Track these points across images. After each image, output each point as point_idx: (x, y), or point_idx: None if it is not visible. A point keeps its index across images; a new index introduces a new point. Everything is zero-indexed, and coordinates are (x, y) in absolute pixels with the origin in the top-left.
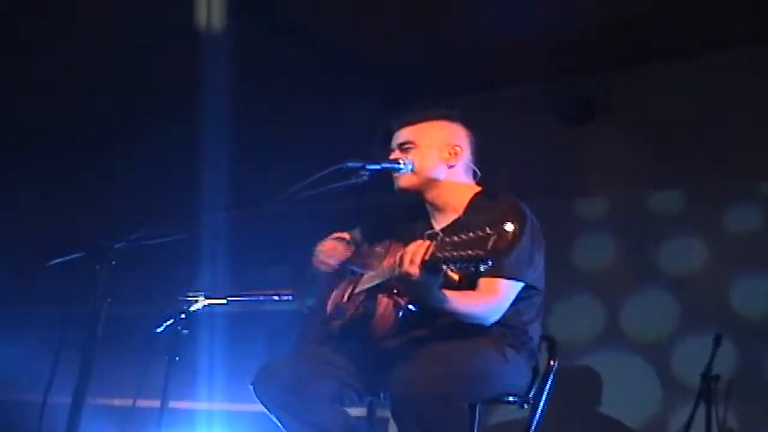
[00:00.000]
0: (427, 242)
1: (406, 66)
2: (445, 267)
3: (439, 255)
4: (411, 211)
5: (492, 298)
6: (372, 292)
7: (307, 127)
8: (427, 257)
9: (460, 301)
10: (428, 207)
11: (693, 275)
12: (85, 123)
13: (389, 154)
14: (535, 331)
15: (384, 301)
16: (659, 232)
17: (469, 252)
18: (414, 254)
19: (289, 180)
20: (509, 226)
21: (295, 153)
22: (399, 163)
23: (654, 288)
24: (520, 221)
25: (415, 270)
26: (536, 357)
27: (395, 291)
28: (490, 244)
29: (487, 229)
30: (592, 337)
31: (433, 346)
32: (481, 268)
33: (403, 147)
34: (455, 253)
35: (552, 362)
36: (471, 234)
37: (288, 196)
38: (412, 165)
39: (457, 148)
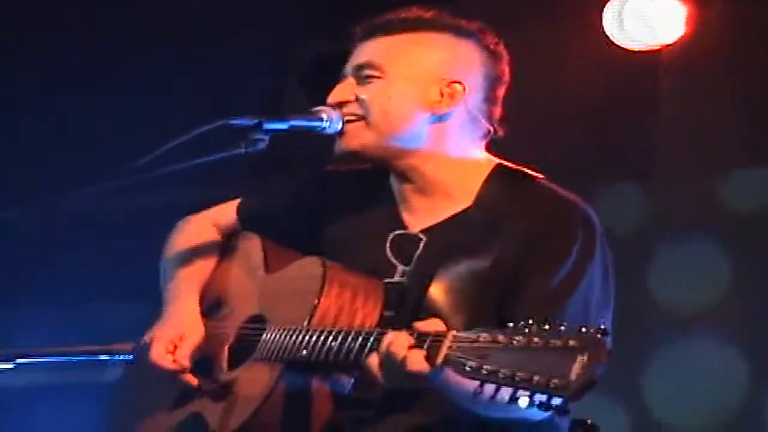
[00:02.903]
0: (435, 335)
1: None
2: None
3: (468, 366)
4: (368, 183)
5: None
6: (288, 365)
7: (162, 71)
8: (439, 360)
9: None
10: (395, 184)
11: None
12: None
13: (333, 87)
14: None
15: (316, 380)
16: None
17: (536, 379)
18: (403, 359)
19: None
20: (606, 339)
21: (137, 116)
22: (321, 119)
23: None
24: (585, 237)
25: (421, 366)
26: None
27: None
28: (575, 371)
29: (570, 341)
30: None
31: None
32: (553, 402)
33: (361, 74)
34: (502, 372)
35: None
36: (534, 337)
37: (127, 176)
38: (365, 110)
39: (456, 86)
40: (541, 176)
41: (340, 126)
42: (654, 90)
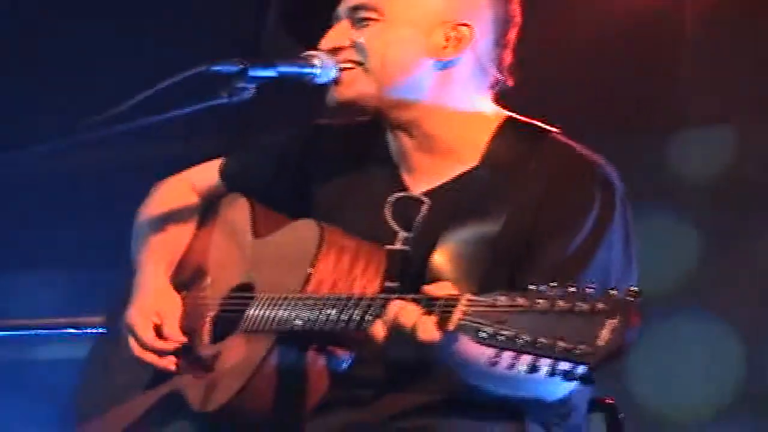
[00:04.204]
0: (447, 300)
1: None
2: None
3: (484, 332)
4: (363, 139)
5: None
6: (280, 337)
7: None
8: (452, 326)
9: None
10: (393, 140)
11: None
12: None
13: (324, 34)
14: (580, 395)
15: (313, 354)
16: None
17: (560, 345)
18: (412, 327)
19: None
20: (638, 302)
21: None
22: (313, 65)
23: None
24: (604, 199)
25: (432, 335)
26: None
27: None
28: (604, 337)
29: (598, 304)
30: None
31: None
32: (577, 371)
33: (356, 16)
34: (522, 338)
35: None
36: (558, 300)
37: (97, 130)
38: (363, 56)
39: (464, 30)
40: (556, 130)
41: (334, 73)
42: (679, 37)
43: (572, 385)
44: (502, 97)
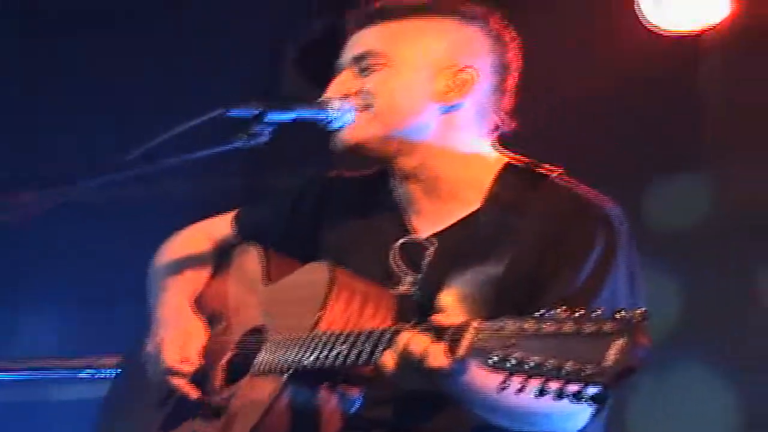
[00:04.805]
0: (456, 327)
1: None
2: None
3: (493, 356)
4: (371, 189)
5: None
6: (291, 377)
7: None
8: (462, 352)
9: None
10: (399, 186)
11: None
12: None
13: (329, 82)
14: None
15: (324, 394)
16: None
17: (567, 366)
18: (422, 355)
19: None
20: (642, 325)
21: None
22: (327, 108)
23: None
24: (606, 240)
25: (442, 362)
26: None
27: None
28: (612, 357)
29: (605, 325)
30: None
31: None
32: (587, 392)
33: (362, 65)
34: (530, 360)
35: None
36: (565, 323)
37: (117, 170)
38: (371, 101)
39: (467, 74)
40: (557, 171)
41: (351, 117)
42: (693, 79)
43: (585, 417)
44: (509, 142)
